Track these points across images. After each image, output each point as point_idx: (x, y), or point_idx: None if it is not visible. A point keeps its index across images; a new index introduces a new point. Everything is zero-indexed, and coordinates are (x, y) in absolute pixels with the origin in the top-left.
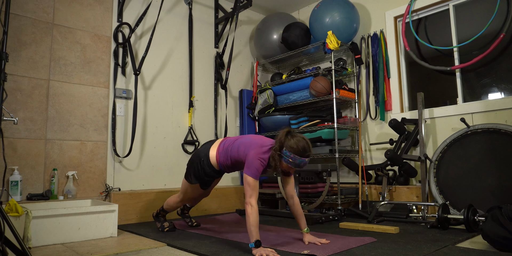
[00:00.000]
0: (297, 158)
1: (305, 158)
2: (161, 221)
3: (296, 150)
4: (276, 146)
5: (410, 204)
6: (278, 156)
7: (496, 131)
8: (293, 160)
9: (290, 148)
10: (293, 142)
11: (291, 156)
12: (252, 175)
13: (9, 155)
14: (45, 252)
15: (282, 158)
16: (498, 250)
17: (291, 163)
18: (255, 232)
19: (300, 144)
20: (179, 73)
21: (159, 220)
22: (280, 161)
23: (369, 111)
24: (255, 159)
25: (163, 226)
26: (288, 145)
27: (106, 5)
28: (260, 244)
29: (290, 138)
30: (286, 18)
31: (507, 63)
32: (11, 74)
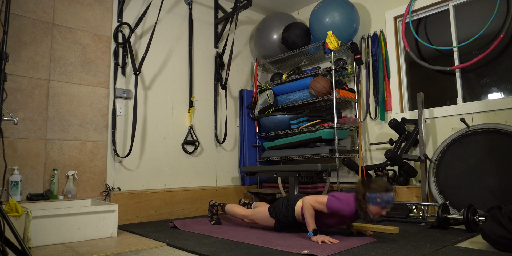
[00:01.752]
0: (384, 195)
1: (390, 193)
2: (213, 213)
3: (379, 189)
4: (359, 196)
5: (410, 204)
6: (364, 204)
7: (496, 131)
8: (381, 198)
9: (373, 190)
10: (373, 185)
11: (378, 195)
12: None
13: (9, 155)
14: (45, 252)
15: (369, 203)
16: (498, 250)
17: (380, 203)
18: (311, 222)
19: (380, 183)
20: (179, 73)
21: (212, 211)
22: (367, 207)
23: (369, 111)
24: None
25: (212, 218)
26: (369, 189)
27: (106, 5)
28: (317, 232)
29: (367, 183)
30: (286, 18)
31: (507, 63)
32: (11, 74)
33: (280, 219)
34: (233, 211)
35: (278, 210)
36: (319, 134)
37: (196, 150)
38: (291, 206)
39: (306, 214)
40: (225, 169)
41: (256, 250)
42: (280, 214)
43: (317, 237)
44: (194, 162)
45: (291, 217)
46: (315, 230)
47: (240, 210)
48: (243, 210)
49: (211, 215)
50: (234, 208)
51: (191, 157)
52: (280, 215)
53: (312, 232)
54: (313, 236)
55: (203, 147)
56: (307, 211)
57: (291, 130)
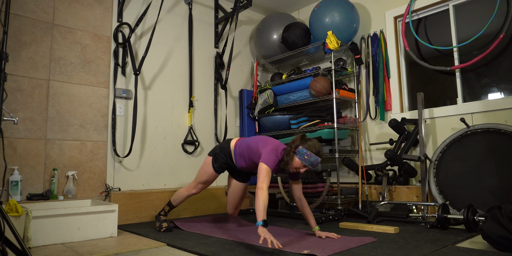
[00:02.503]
0: (312, 156)
1: (318, 157)
2: (160, 221)
3: (312, 149)
4: (292, 145)
5: (410, 204)
6: (292, 152)
7: (496, 131)
8: (308, 157)
9: (307, 146)
10: (310, 143)
11: (307, 153)
12: (267, 163)
13: (9, 155)
14: (45, 252)
15: (297, 155)
16: (498, 250)
17: (305, 160)
18: (263, 212)
19: (316, 145)
20: (179, 73)
21: (159, 219)
22: (293, 158)
23: (369, 111)
24: (271, 152)
25: (161, 225)
26: (304, 143)
27: (106, 5)
28: (267, 224)
29: (306, 139)
30: (286, 18)
31: (507, 63)
32: (11, 74)
33: (216, 154)
34: (178, 194)
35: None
36: (319, 134)
37: (196, 150)
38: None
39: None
40: None
41: (256, 250)
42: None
43: (264, 231)
44: (194, 162)
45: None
46: (265, 221)
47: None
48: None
49: (159, 224)
50: (178, 192)
51: (191, 157)
52: (216, 150)
53: (262, 222)
54: (261, 227)
55: (203, 147)
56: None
57: (291, 130)
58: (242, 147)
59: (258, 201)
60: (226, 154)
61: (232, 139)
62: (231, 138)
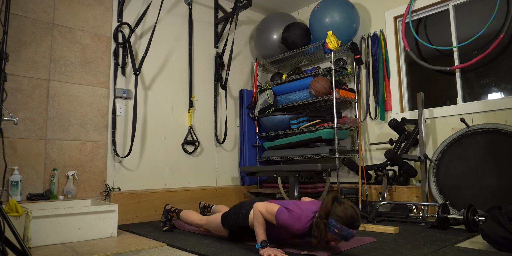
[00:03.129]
0: (345, 230)
1: (353, 230)
2: (167, 219)
3: (344, 220)
4: (322, 213)
5: (410, 204)
6: (323, 224)
7: (496, 131)
8: (340, 231)
9: (337, 217)
10: (341, 210)
11: (338, 226)
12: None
13: (9, 155)
14: (45, 252)
15: (327, 228)
16: (498, 250)
17: (337, 235)
18: (260, 233)
19: (349, 212)
20: (179, 73)
21: (167, 217)
22: (326, 231)
23: (369, 111)
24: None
25: (165, 223)
26: (335, 213)
27: (106, 5)
28: (266, 244)
29: (337, 204)
30: (286, 18)
31: (507, 63)
32: (11, 74)
33: (233, 229)
34: (187, 218)
35: (231, 219)
36: (319, 134)
37: (196, 150)
38: (244, 215)
39: (255, 223)
40: (225, 169)
41: (256, 250)
42: (232, 224)
43: (265, 251)
44: (194, 162)
45: (244, 227)
46: (264, 241)
47: (195, 218)
48: (197, 218)
49: (165, 221)
50: (189, 215)
51: (191, 157)
52: (232, 225)
53: (260, 244)
54: (261, 249)
55: (203, 147)
56: (256, 220)
57: (291, 130)
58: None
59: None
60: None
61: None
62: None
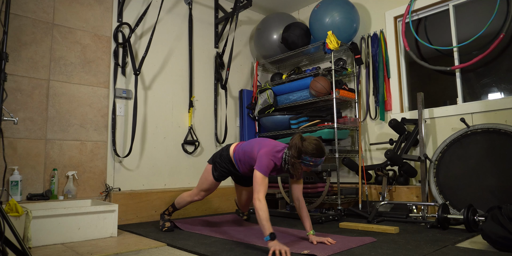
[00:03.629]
0: (318, 160)
1: (323, 157)
2: (164, 220)
3: (316, 154)
4: (294, 152)
5: (410, 204)
6: (298, 163)
7: (496, 131)
8: (314, 162)
9: (311, 153)
10: (311, 147)
11: (313, 159)
12: (261, 170)
13: (9, 155)
14: (45, 252)
15: (303, 164)
16: (498, 250)
17: (312, 166)
18: (267, 225)
19: (317, 146)
20: (179, 73)
21: (163, 218)
22: (301, 166)
23: (369, 111)
24: (266, 156)
25: (163, 225)
26: (307, 151)
27: (106, 5)
28: (275, 237)
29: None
30: (286, 18)
31: (507, 63)
32: (11, 74)
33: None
34: (182, 199)
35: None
36: (319, 134)
37: (196, 150)
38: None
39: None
40: None
41: (256, 250)
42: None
43: (274, 244)
44: (194, 162)
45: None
46: (272, 234)
47: (188, 194)
48: (189, 193)
49: (163, 223)
50: (182, 197)
51: (191, 157)
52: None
53: (269, 236)
54: (270, 242)
55: (203, 147)
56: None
57: (291, 130)
58: (239, 153)
59: (258, 214)
60: (227, 161)
61: (231, 145)
62: (230, 144)
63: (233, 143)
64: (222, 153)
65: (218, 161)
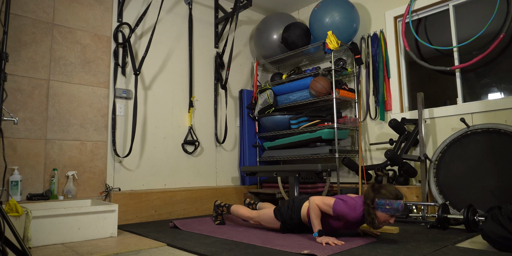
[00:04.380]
0: (393, 202)
1: (400, 201)
2: (218, 213)
3: (389, 196)
4: (368, 201)
5: (410, 204)
6: (372, 209)
7: (496, 131)
8: (390, 205)
9: (383, 195)
10: (384, 191)
11: (387, 202)
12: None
13: (9, 155)
14: (45, 252)
15: (378, 209)
16: (498, 250)
17: (389, 210)
18: (316, 223)
19: (390, 189)
20: (179, 73)
21: (217, 211)
22: (376, 213)
23: (369, 111)
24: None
25: (216, 218)
26: (379, 194)
27: (106, 5)
28: (322, 233)
29: (378, 188)
30: (286, 18)
31: (507, 63)
32: (11, 74)
33: (285, 221)
34: (238, 212)
35: (284, 212)
36: (319, 134)
37: (196, 150)
38: (297, 208)
39: (312, 215)
40: (225, 169)
41: (256, 250)
42: (285, 216)
43: (321, 238)
44: (194, 162)
45: (297, 219)
46: (320, 231)
47: (245, 211)
48: (248, 212)
49: (216, 215)
50: (240, 209)
51: (191, 157)
52: (285, 217)
53: (317, 233)
54: (318, 237)
55: (203, 147)
56: (313, 212)
57: (291, 130)
58: None
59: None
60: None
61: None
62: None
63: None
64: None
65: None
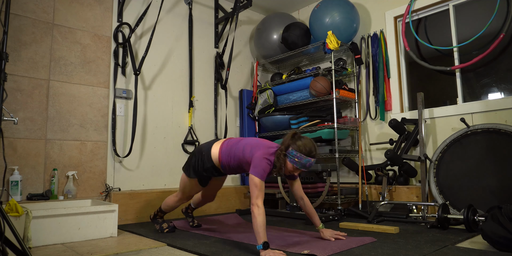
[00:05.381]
0: (303, 158)
1: (311, 158)
2: (160, 223)
3: (302, 150)
4: (282, 146)
5: (410, 204)
6: (283, 156)
7: (496, 131)
8: (299, 159)
9: (297, 147)
10: (300, 143)
11: (297, 155)
12: (258, 175)
13: (9, 155)
14: (45, 252)
15: (288, 158)
16: (498, 250)
17: (297, 163)
18: (262, 233)
19: (307, 144)
20: (179, 73)
21: (157, 222)
22: (285, 161)
23: (369, 111)
24: (262, 159)
25: (162, 227)
26: (294, 144)
27: (106, 5)
28: (268, 246)
29: (297, 138)
30: (286, 18)
31: (507, 63)
32: (11, 74)
33: (201, 174)
34: (168, 204)
35: (195, 167)
36: (319, 134)
37: None
38: (206, 157)
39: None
40: None
41: (256, 250)
42: (198, 169)
43: (267, 252)
44: None
45: (212, 167)
46: (265, 243)
47: (172, 198)
48: (173, 196)
49: (160, 226)
50: (167, 201)
51: None
52: (199, 170)
53: (261, 245)
54: (262, 251)
55: None
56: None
57: (291, 130)
58: (228, 157)
59: (256, 220)
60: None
61: (212, 145)
62: (209, 144)
63: (217, 142)
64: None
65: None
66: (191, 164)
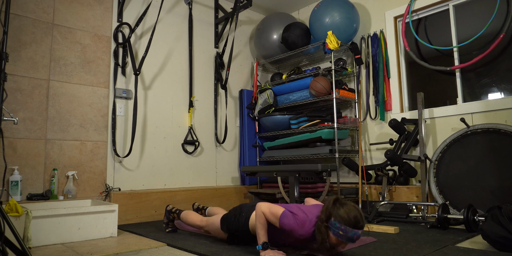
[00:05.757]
0: (349, 231)
1: (358, 230)
2: (169, 219)
3: (347, 220)
4: (322, 216)
5: (410, 204)
6: (324, 228)
7: (496, 131)
8: (344, 232)
9: (340, 218)
10: (343, 211)
11: (342, 227)
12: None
13: (9, 155)
14: (45, 252)
15: (330, 231)
16: (498, 250)
17: (342, 237)
18: (262, 234)
19: (352, 213)
20: (179, 73)
21: (169, 217)
22: (328, 234)
23: (369, 111)
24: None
25: (167, 225)
26: (337, 214)
27: (106, 5)
28: (268, 246)
29: (339, 206)
30: (286, 18)
31: (507, 63)
32: (11, 74)
33: (232, 233)
34: (188, 219)
35: (230, 223)
36: (319, 134)
37: (196, 150)
38: (244, 219)
39: (257, 223)
40: (225, 169)
41: (256, 250)
42: (232, 228)
43: (266, 253)
44: (194, 162)
45: (245, 231)
46: (265, 243)
47: (196, 219)
48: (198, 220)
49: (167, 222)
50: (190, 215)
51: (191, 157)
52: (232, 229)
53: (261, 245)
54: (262, 251)
55: (203, 147)
56: (258, 220)
57: (291, 130)
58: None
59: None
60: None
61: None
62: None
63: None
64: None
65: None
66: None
